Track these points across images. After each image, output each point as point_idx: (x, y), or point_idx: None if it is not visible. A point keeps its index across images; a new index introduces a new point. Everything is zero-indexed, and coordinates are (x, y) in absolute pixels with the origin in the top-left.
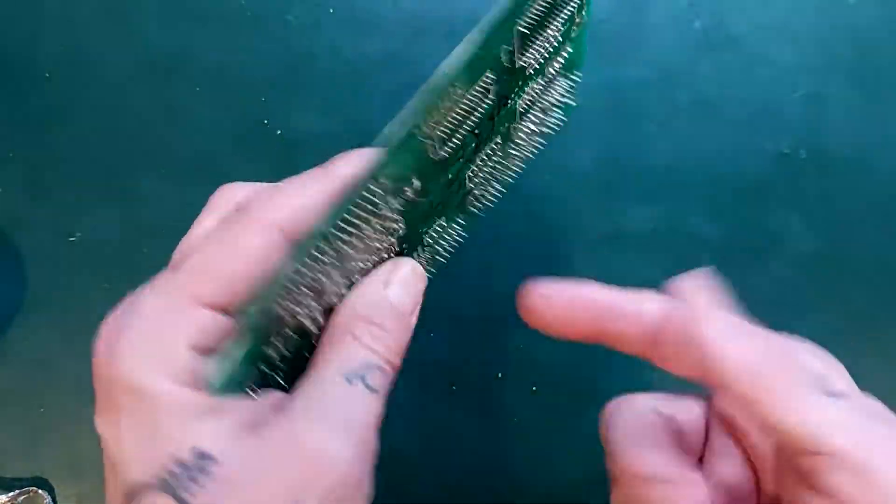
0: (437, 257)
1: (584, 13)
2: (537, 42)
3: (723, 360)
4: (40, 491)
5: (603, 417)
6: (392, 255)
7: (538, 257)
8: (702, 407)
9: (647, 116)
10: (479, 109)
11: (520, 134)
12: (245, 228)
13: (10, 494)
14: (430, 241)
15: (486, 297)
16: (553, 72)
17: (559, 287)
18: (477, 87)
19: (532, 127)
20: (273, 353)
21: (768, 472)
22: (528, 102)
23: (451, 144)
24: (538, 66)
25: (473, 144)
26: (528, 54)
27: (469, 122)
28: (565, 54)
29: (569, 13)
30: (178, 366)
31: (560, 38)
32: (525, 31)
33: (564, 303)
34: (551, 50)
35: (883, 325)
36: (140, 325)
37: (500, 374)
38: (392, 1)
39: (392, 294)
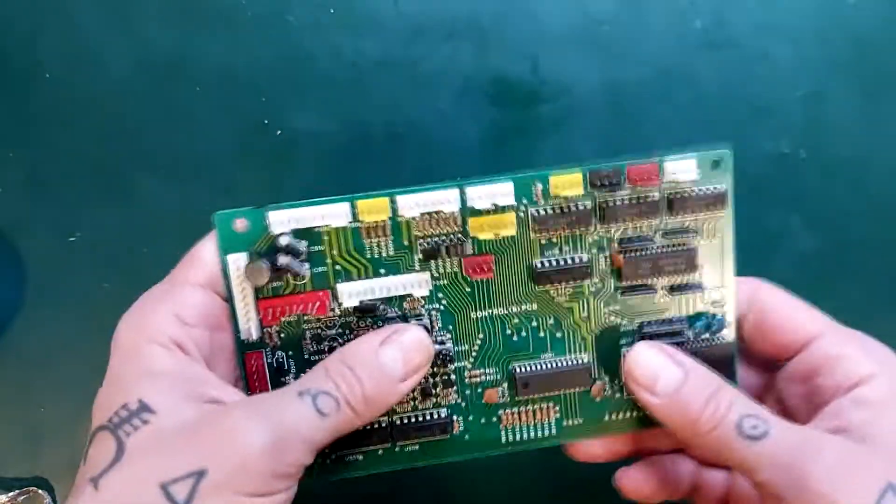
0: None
1: None
2: None
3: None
4: (40, 491)
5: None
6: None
7: None
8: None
9: (647, 116)
10: None
11: None
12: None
13: (10, 494)
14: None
15: None
16: None
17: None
18: None
19: None
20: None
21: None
22: None
23: None
24: None
25: None
26: None
27: None
28: None
29: None
30: (159, 330)
31: None
32: None
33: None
34: None
35: (883, 324)
36: (140, 302)
37: None
38: (392, 1)
39: (384, 352)
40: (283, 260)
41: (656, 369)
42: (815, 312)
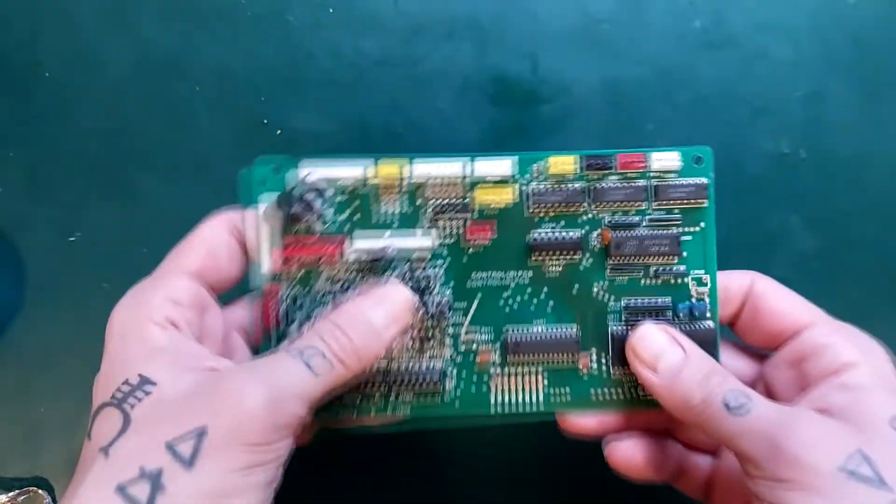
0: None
1: None
2: None
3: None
4: (40, 491)
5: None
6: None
7: None
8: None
9: (646, 116)
10: None
11: None
12: (203, 228)
13: (10, 494)
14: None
15: None
16: None
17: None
18: None
19: None
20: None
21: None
22: None
23: None
24: None
25: None
26: None
27: None
28: None
29: None
30: (154, 310)
31: None
32: None
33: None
34: None
35: (882, 325)
36: (132, 290)
37: None
38: (392, 1)
39: (372, 312)
40: (308, 196)
41: (659, 349)
42: (808, 304)
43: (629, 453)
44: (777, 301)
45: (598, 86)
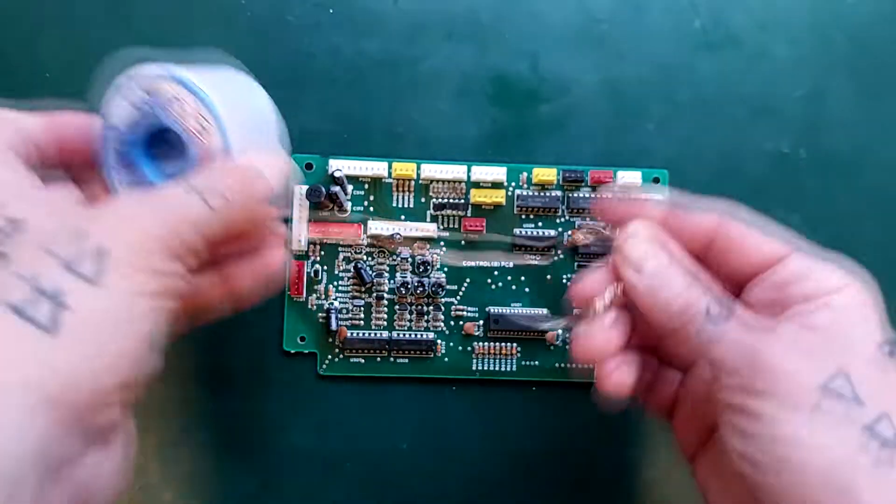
0: None
1: None
2: None
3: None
4: None
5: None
6: None
7: None
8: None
9: (647, 116)
10: None
11: None
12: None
13: None
14: None
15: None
16: None
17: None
18: None
19: None
20: None
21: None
22: None
23: None
24: None
25: None
26: None
27: None
28: None
29: None
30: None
31: None
32: None
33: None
34: None
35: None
36: None
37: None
38: (392, 1)
39: (261, 166)
40: (334, 188)
41: (645, 252)
42: (787, 235)
43: (621, 379)
44: (751, 235)
45: (598, 85)
